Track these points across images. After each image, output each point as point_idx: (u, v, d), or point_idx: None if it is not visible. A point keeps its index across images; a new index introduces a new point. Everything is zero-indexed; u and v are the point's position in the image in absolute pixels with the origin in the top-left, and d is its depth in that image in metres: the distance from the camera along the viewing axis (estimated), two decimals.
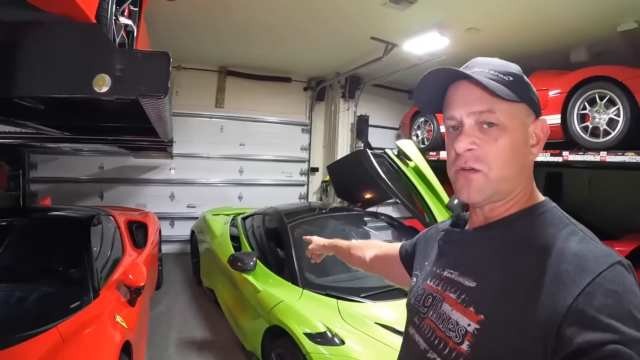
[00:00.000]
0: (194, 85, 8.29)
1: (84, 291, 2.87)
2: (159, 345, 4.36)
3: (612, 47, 5.93)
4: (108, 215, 4.41)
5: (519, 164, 1.01)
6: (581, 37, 5.81)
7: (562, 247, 0.88)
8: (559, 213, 1.00)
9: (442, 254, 1.19)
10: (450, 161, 1.06)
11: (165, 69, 1.31)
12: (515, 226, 1.00)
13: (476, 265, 1.02)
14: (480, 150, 0.98)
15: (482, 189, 1.00)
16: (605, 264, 0.82)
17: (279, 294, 3.47)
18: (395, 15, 5.46)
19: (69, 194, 7.35)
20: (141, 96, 1.30)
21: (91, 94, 1.24)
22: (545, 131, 1.04)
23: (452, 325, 0.96)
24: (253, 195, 8.97)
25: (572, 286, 0.80)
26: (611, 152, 5.08)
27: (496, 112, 0.97)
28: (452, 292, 1.03)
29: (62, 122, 2.70)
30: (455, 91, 1.04)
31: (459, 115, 1.02)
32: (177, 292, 6.03)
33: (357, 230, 4.64)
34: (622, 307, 0.76)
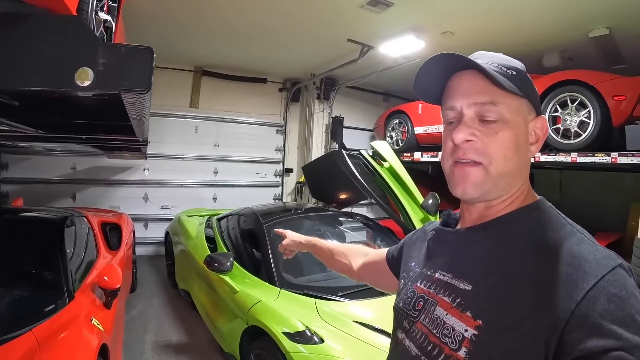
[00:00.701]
0: (169, 85, 8.17)
1: (59, 294, 2.81)
2: (134, 349, 4.29)
3: (583, 52, 6.07)
4: (81, 217, 4.33)
5: (519, 161, 0.97)
6: (553, 42, 5.95)
7: (562, 249, 0.86)
8: (555, 213, 0.98)
9: (432, 254, 1.16)
10: (447, 154, 1.02)
11: (149, 64, 1.30)
12: (512, 226, 0.97)
13: (471, 267, 0.98)
14: (480, 142, 0.95)
15: (480, 185, 0.96)
16: (607, 267, 0.80)
17: (257, 294, 3.46)
18: (372, 18, 5.49)
19: (41, 195, 7.18)
20: (124, 91, 1.28)
21: (73, 87, 1.21)
22: (545, 130, 1.02)
23: (448, 330, 0.92)
24: (228, 197, 8.92)
25: (575, 290, 0.78)
26: (582, 153, 5.21)
27: (499, 105, 0.94)
28: (445, 296, 0.98)
29: (37, 119, 2.64)
30: (458, 81, 1.01)
31: (460, 106, 0.98)
32: (151, 295, 5.95)
33: (332, 230, 4.66)
34: (624, 312, 0.74)
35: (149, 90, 1.28)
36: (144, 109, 1.73)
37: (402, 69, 7.15)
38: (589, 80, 5.07)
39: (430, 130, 7.55)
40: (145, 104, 1.60)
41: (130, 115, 1.83)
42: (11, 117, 2.36)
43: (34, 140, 4.15)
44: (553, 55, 6.33)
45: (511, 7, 4.90)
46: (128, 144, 4.42)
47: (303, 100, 9.67)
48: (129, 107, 1.61)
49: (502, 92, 0.94)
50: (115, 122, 2.41)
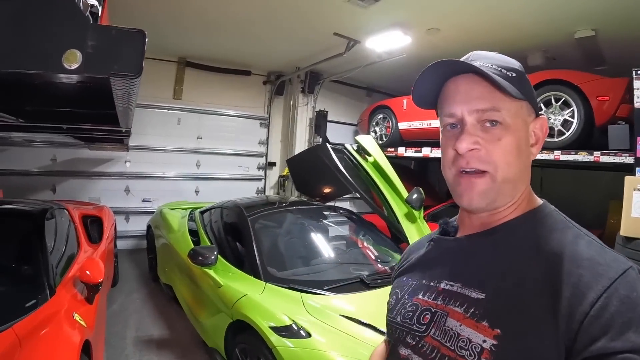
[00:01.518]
0: (152, 75, 7.96)
1: (39, 289, 2.74)
2: (115, 345, 4.22)
3: (566, 52, 6.16)
4: (62, 209, 4.24)
5: (522, 165, 0.96)
6: (538, 42, 6.03)
7: (573, 252, 0.85)
8: (561, 216, 0.98)
9: (432, 265, 1.11)
10: (448, 162, 0.99)
11: (141, 48, 1.24)
12: (519, 231, 0.96)
13: (481, 274, 0.95)
14: (484, 150, 0.93)
15: (486, 193, 0.94)
16: (619, 269, 0.80)
17: (242, 288, 3.42)
18: (359, 12, 5.48)
19: (19, 187, 7.01)
20: (113, 75, 1.23)
21: (61, 70, 1.15)
22: (544, 130, 1.01)
23: (464, 342, 0.87)
24: (210, 190, 8.85)
25: (589, 291, 0.77)
26: (565, 152, 5.34)
27: (501, 111, 0.93)
28: (457, 306, 0.94)
29: (18, 107, 2.56)
30: (456, 86, 0.98)
31: (460, 113, 0.96)
32: (132, 290, 5.87)
33: (316, 224, 4.63)
34: (635, 314, 0.74)
35: (139, 75, 1.23)
36: (132, 96, 1.66)
37: (387, 64, 7.16)
38: (574, 80, 5.18)
39: (415, 125, 7.58)
40: (134, 91, 1.54)
41: (117, 103, 1.77)
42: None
43: (14, 130, 4.04)
44: (537, 54, 6.42)
45: (497, 5, 4.94)
46: (110, 135, 4.34)
47: (287, 93, 9.63)
48: (116, 94, 1.55)
49: (503, 96, 0.93)
50: (99, 110, 2.34)
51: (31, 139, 6.55)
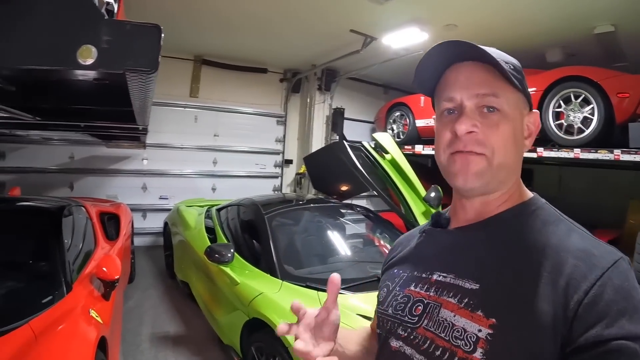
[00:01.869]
0: (169, 73, 8.03)
1: (56, 285, 2.75)
2: (130, 341, 4.24)
3: (585, 48, 6.07)
4: (79, 206, 4.26)
5: (517, 154, 0.97)
6: (557, 37, 5.94)
7: (567, 244, 0.86)
8: (552, 209, 0.99)
9: (424, 257, 1.11)
10: (444, 144, 0.99)
11: (156, 43, 1.21)
12: (512, 223, 0.96)
13: (475, 265, 0.94)
14: (482, 134, 0.93)
15: (482, 174, 0.94)
16: (612, 260, 0.81)
17: (258, 286, 3.40)
18: (375, 9, 5.44)
19: (38, 185, 7.11)
20: (128, 71, 1.19)
21: (75, 66, 1.13)
22: (537, 125, 1.02)
23: (459, 332, 0.87)
24: (227, 187, 8.88)
25: (584, 281, 0.79)
26: (584, 150, 5.24)
27: (500, 97, 0.93)
28: (451, 297, 0.93)
29: (35, 104, 2.56)
30: (457, 73, 0.98)
31: (460, 97, 0.96)
32: (148, 286, 5.91)
33: (333, 222, 4.59)
34: (628, 303, 0.76)
35: (155, 71, 1.19)
36: (148, 93, 1.63)
37: (404, 61, 7.09)
38: (594, 77, 5.07)
39: (432, 123, 7.44)
40: (150, 87, 1.51)
41: (133, 100, 1.75)
42: (8, 102, 2.27)
43: (31, 128, 4.06)
44: (556, 50, 6.36)
45: (515, 0, 4.88)
46: (127, 133, 4.35)
47: (304, 91, 9.61)
48: (132, 91, 1.53)
49: (503, 84, 0.94)
50: (116, 107, 2.33)
51: (49, 137, 6.60)
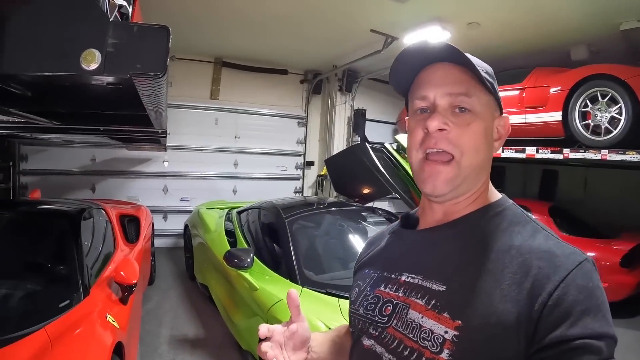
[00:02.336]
0: (189, 76, 8.16)
1: (74, 289, 2.73)
2: (149, 343, 4.23)
3: (610, 46, 5.93)
4: (99, 209, 4.27)
5: (487, 154, 0.99)
6: (582, 35, 5.81)
7: (532, 245, 0.88)
8: (519, 210, 1.00)
9: (394, 257, 1.11)
10: (416, 144, 1.00)
11: (164, 45, 1.14)
12: (480, 224, 0.97)
13: (442, 266, 0.96)
14: (453, 132, 0.94)
15: (452, 180, 0.96)
16: (576, 261, 0.83)
17: (278, 292, 3.33)
18: (396, 8, 5.37)
19: (60, 187, 7.22)
20: (135, 75, 1.13)
21: (79, 71, 1.07)
22: (507, 128, 1.04)
23: (426, 333, 0.88)
24: (247, 189, 8.88)
25: (548, 282, 0.80)
26: (612, 151, 5.10)
27: (472, 97, 0.95)
28: (418, 298, 0.94)
29: (50, 109, 2.53)
30: (432, 72, 0.99)
31: (432, 96, 0.97)
32: (168, 288, 5.92)
33: (355, 226, 4.51)
34: (591, 302, 0.79)
35: (164, 75, 1.13)
36: (160, 97, 1.57)
37: None
38: (621, 75, 4.93)
39: None
40: (162, 92, 1.45)
41: (146, 104, 1.69)
42: (23, 107, 2.25)
43: (51, 131, 4.07)
44: (580, 48, 6.22)
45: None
46: (147, 136, 4.33)
47: (325, 92, 9.59)
48: (143, 95, 1.47)
49: (475, 85, 0.96)
50: (132, 112, 2.29)
51: (70, 140, 6.66)
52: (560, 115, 5.56)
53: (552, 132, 5.82)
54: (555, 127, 5.70)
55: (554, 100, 5.64)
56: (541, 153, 5.93)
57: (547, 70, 6.05)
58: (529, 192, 9.34)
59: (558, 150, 5.67)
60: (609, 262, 5.30)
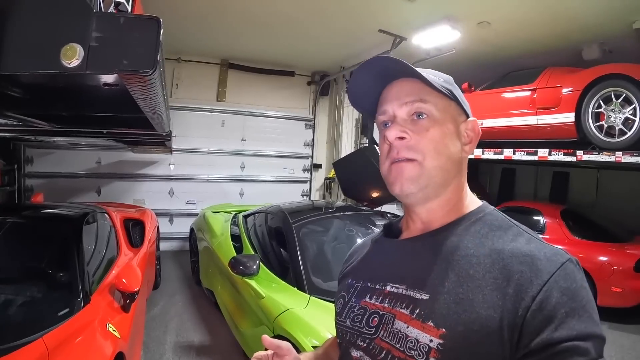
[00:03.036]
0: (195, 78, 8.14)
1: (74, 296, 2.64)
2: (154, 350, 4.15)
3: (624, 44, 5.82)
4: (103, 213, 4.19)
5: (451, 156, 0.99)
6: (594, 33, 5.70)
7: (513, 249, 0.88)
8: (500, 215, 1.00)
9: (376, 267, 1.11)
10: (383, 156, 1.02)
11: (154, 39, 1.04)
12: (459, 231, 0.98)
13: (425, 275, 0.95)
14: (413, 140, 0.97)
15: (416, 179, 0.97)
16: (558, 262, 0.83)
17: (284, 300, 3.24)
18: (405, 7, 5.29)
19: (65, 190, 7.20)
20: (122, 72, 1.03)
21: (58, 68, 0.97)
22: (476, 131, 1.05)
23: (412, 343, 0.88)
24: (254, 192, 8.82)
25: (530, 286, 0.80)
26: (627, 153, 4.99)
27: (427, 103, 0.98)
28: (403, 308, 0.94)
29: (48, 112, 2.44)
30: (389, 90, 1.04)
31: (391, 109, 1.01)
32: (174, 292, 5.84)
33: (365, 232, 4.38)
34: (576, 303, 0.78)
35: (154, 71, 1.03)
36: (156, 97, 1.45)
37: (435, 61, 6.83)
38: (636, 75, 4.80)
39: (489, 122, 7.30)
40: (155, 91, 1.33)
41: (141, 105, 1.59)
42: (21, 110, 2.16)
43: (54, 134, 3.99)
44: (593, 47, 6.09)
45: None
46: (151, 138, 4.25)
47: (332, 93, 9.50)
48: (135, 95, 1.36)
49: (431, 91, 0.98)
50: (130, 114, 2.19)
51: (76, 143, 6.62)
52: (573, 117, 5.43)
53: (565, 134, 5.70)
54: (567, 128, 5.57)
55: (567, 101, 5.52)
56: (554, 155, 5.83)
57: (559, 70, 5.94)
58: (540, 195, 9.23)
59: (571, 152, 5.58)
60: (622, 267, 5.21)
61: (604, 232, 5.97)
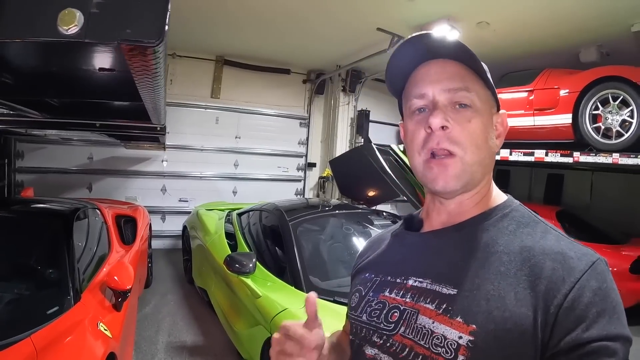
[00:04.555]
0: (189, 74, 8.06)
1: (64, 294, 2.55)
2: (145, 350, 4.05)
3: (622, 47, 5.86)
4: (95, 209, 4.09)
5: (489, 150, 0.97)
6: (593, 36, 5.74)
7: (543, 246, 0.86)
8: (527, 211, 0.98)
9: (397, 261, 1.06)
10: (418, 146, 0.96)
11: (163, 7, 0.96)
12: (486, 226, 0.95)
13: (452, 270, 0.91)
14: (454, 130, 0.91)
15: (460, 176, 0.93)
16: (589, 262, 0.81)
17: (282, 300, 3.15)
18: (404, 6, 5.25)
19: (56, 185, 7.10)
20: (125, 42, 0.93)
21: (54, 36, 0.88)
22: (505, 125, 1.02)
23: (438, 339, 0.84)
24: (248, 190, 8.75)
25: (563, 284, 0.79)
26: (624, 155, 5.04)
27: (472, 92, 0.93)
28: (428, 303, 0.90)
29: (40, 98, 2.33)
30: (427, 69, 0.96)
31: (431, 93, 0.94)
32: (166, 291, 5.73)
33: (362, 230, 4.32)
34: (606, 304, 0.77)
35: (160, 43, 0.93)
36: (158, 79, 1.33)
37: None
38: (633, 77, 4.86)
39: None
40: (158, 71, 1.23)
41: (141, 90, 1.47)
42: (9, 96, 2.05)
43: (46, 126, 3.87)
44: (591, 49, 6.14)
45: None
46: (145, 133, 4.15)
47: (328, 92, 9.44)
48: (136, 76, 1.25)
49: (474, 79, 0.94)
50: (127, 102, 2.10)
51: (68, 137, 6.52)
52: (570, 118, 5.48)
53: (562, 135, 5.75)
54: (565, 130, 5.62)
55: (564, 102, 5.57)
56: (550, 156, 5.85)
57: (557, 71, 5.97)
58: (534, 196, 9.28)
59: (568, 153, 5.60)
60: (618, 269, 5.18)
61: (599, 234, 6.00)
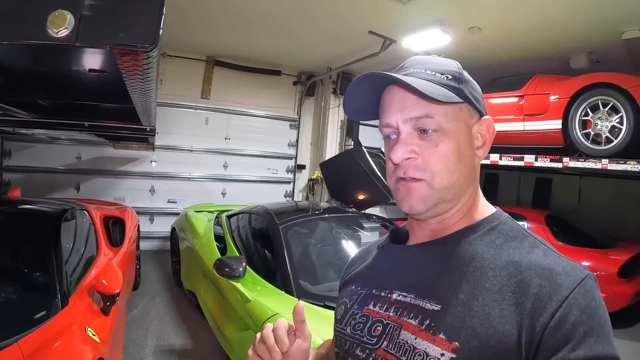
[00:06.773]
0: (180, 74, 8.01)
1: (51, 298, 2.50)
2: (134, 354, 4.01)
3: (612, 54, 5.89)
4: (82, 210, 4.03)
5: (465, 169, 0.94)
6: (583, 43, 5.77)
7: (530, 262, 0.84)
8: (515, 224, 0.96)
9: (382, 274, 1.05)
10: (390, 171, 0.97)
11: (157, 10, 0.93)
12: (473, 240, 0.92)
13: (436, 285, 0.90)
14: (421, 158, 0.90)
15: (425, 199, 0.91)
16: (577, 278, 0.80)
17: (272, 305, 3.11)
18: (397, 9, 5.24)
19: (44, 185, 7.03)
20: (118, 46, 0.90)
21: (43, 39, 0.85)
22: (491, 131, 0.98)
23: (420, 356, 0.83)
24: (237, 192, 8.74)
25: (549, 302, 0.77)
26: (613, 160, 5.06)
27: (434, 117, 0.89)
28: (411, 318, 0.89)
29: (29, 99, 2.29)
30: (391, 96, 0.94)
31: (395, 122, 0.93)
32: (154, 294, 5.68)
33: (353, 234, 4.31)
34: (594, 323, 0.76)
35: (154, 47, 0.91)
36: (150, 83, 1.30)
37: None
38: (622, 84, 4.89)
39: None
40: (151, 76, 1.19)
41: (132, 93, 1.44)
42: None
43: (34, 126, 3.81)
44: (581, 56, 6.17)
45: (543, 4, 4.68)
46: (134, 134, 4.11)
47: (318, 94, 9.46)
48: (128, 80, 1.21)
49: (436, 102, 0.89)
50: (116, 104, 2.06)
51: (56, 137, 6.46)
52: (560, 124, 5.50)
53: (552, 141, 5.77)
54: (554, 135, 5.64)
55: (554, 108, 5.59)
56: (540, 161, 5.88)
57: (547, 77, 6.01)
58: (522, 200, 9.35)
59: (557, 158, 5.62)
60: (606, 273, 5.25)
61: (587, 238, 6.04)
